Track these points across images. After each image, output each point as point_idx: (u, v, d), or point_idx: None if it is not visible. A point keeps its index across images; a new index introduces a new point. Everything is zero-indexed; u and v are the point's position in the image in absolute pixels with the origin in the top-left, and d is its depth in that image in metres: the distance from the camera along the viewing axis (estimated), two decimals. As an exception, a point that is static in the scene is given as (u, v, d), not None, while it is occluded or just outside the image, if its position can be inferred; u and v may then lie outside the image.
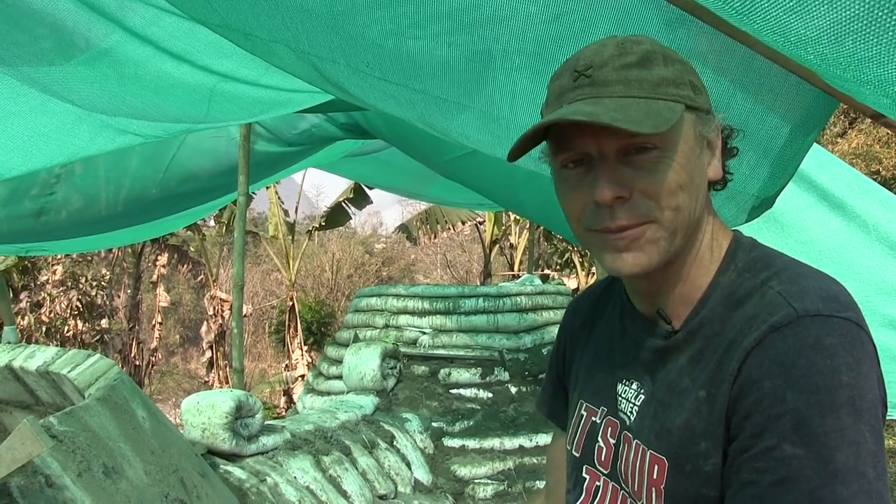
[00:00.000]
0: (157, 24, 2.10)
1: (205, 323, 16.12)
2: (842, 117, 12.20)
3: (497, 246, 16.61)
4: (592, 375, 1.18)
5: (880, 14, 1.02)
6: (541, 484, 4.55)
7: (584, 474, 1.13)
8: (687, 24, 1.57)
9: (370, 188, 12.61)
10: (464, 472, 4.58)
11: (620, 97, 0.91)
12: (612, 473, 1.07)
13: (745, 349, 0.88)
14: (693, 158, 0.95)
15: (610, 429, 1.09)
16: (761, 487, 0.82)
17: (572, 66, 0.96)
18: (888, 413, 2.93)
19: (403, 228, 16.22)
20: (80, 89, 2.29)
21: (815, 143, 2.99)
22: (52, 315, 14.78)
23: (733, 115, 1.69)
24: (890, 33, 1.04)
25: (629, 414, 1.05)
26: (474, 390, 5.27)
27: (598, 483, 1.10)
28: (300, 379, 14.15)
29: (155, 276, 16.34)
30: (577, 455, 1.15)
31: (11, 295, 13.59)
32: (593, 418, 1.13)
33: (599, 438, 1.10)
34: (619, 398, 1.08)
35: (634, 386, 1.05)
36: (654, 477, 0.96)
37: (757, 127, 1.71)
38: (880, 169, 11.31)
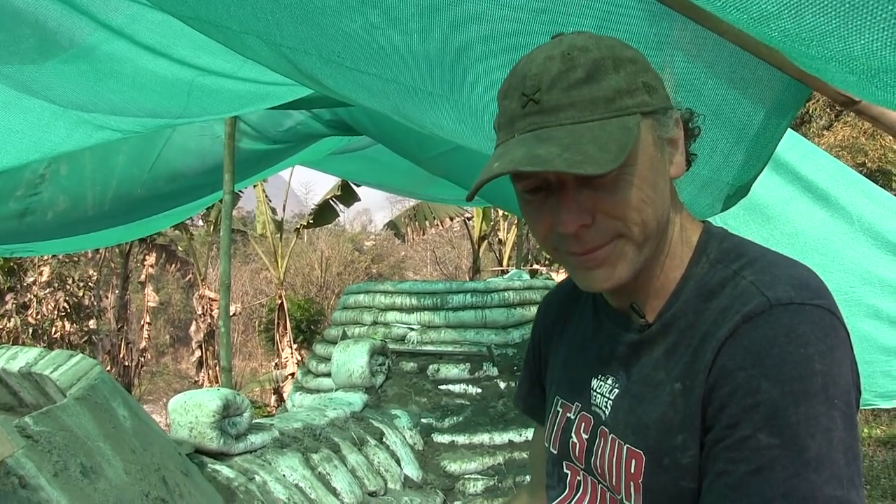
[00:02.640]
0: (137, 18, 2.08)
1: (194, 322, 16.06)
2: (828, 110, 12.27)
3: (486, 242, 16.61)
4: (567, 371, 1.18)
5: (835, -15, 1.02)
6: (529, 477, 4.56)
7: (565, 470, 1.13)
8: (670, 16, 1.57)
9: (358, 185, 12.59)
10: (454, 467, 4.58)
11: (572, 124, 0.88)
12: (587, 468, 1.07)
13: (719, 340, 0.88)
14: (654, 166, 0.94)
15: (584, 424, 1.09)
16: (736, 477, 0.82)
17: (520, 87, 0.92)
18: (874, 402, 2.93)
19: (392, 225, 16.21)
20: (55, 85, 2.27)
21: (799, 136, 3.01)
22: (39, 317, 14.67)
23: (706, 102, 1.69)
24: (847, 5, 1.02)
25: (603, 409, 1.04)
26: (463, 386, 5.27)
27: (578, 478, 1.10)
28: (290, 377, 14.13)
29: (143, 276, 16.26)
30: (555, 452, 1.15)
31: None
32: (568, 414, 1.13)
33: (573, 434, 1.10)
34: (594, 393, 1.07)
35: (609, 381, 1.05)
36: (632, 471, 0.96)
37: (730, 114, 1.71)
38: (866, 161, 11.37)
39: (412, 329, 5.75)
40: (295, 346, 15.51)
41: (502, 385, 5.29)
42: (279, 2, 1.60)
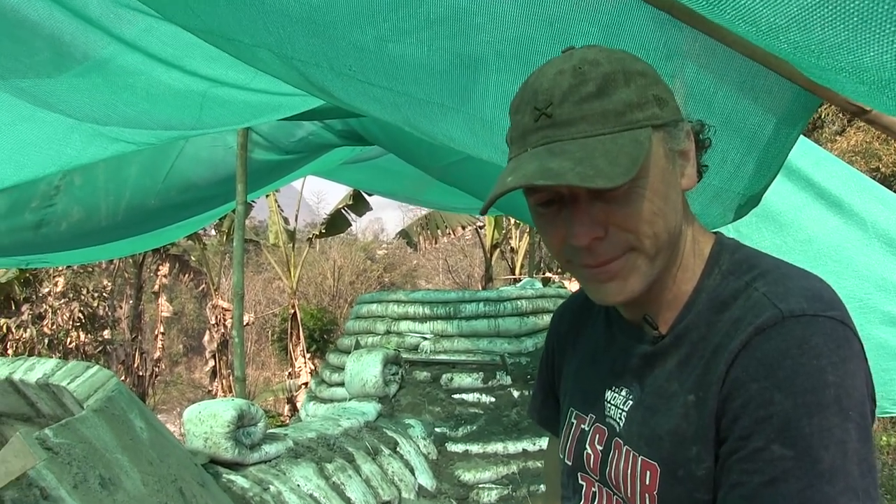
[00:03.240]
0: (150, 31, 2.10)
1: (207, 332, 16.12)
2: (840, 115, 12.20)
3: (498, 250, 16.60)
4: (580, 383, 1.18)
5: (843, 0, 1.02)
6: (545, 488, 4.55)
7: (580, 481, 1.12)
8: (679, 26, 1.57)
9: (370, 194, 12.63)
10: (468, 476, 4.58)
11: (584, 137, 0.89)
12: (601, 480, 1.07)
13: (731, 352, 0.88)
14: (666, 178, 0.94)
15: (598, 436, 1.08)
16: (750, 489, 0.83)
17: (532, 101, 0.93)
18: (892, 411, 2.90)
19: (404, 234, 16.23)
20: (70, 99, 2.29)
21: (812, 142, 3.00)
22: (54, 327, 14.76)
23: (716, 112, 1.68)
24: (855, 18, 1.03)
25: (618, 420, 1.04)
26: (476, 395, 5.27)
27: (594, 489, 1.09)
28: (303, 387, 14.15)
29: (157, 287, 16.36)
30: (570, 463, 1.15)
31: (13, 307, 13.62)
32: (582, 426, 1.13)
33: (588, 446, 1.10)
34: (608, 405, 1.07)
35: (623, 392, 1.05)
36: (647, 483, 0.95)
37: (740, 124, 1.70)
38: (880, 166, 11.30)
39: (425, 338, 5.75)
40: (308, 355, 15.54)
41: (516, 394, 5.28)
42: (290, 16, 1.61)
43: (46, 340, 14.46)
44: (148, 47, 2.19)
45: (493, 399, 5.24)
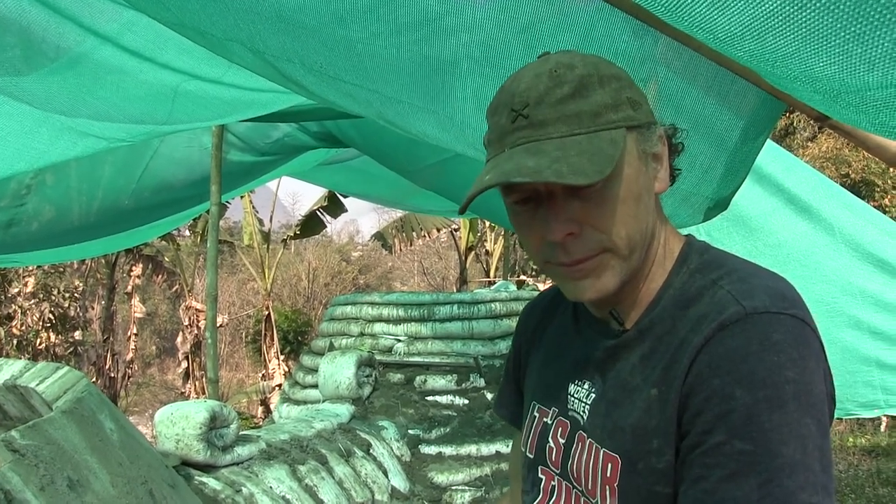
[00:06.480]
0: (125, 24, 2.08)
1: (180, 333, 15.98)
2: (811, 122, 12.34)
3: (473, 253, 16.60)
4: (544, 377, 1.20)
5: (791, 10, 1.04)
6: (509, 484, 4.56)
7: (539, 475, 1.14)
8: (652, 31, 1.59)
9: (345, 196, 12.58)
10: (441, 479, 4.58)
11: (561, 137, 0.91)
12: (562, 473, 1.08)
13: (695, 347, 0.90)
14: (640, 180, 0.96)
15: (560, 429, 1.10)
16: (712, 483, 0.84)
17: (509, 103, 0.95)
18: (857, 412, 2.94)
19: (379, 236, 16.20)
20: (36, 89, 2.26)
21: (782, 148, 3.05)
22: (23, 328, 14.54)
23: (686, 115, 1.71)
24: (804, 29, 1.05)
25: (581, 413, 1.06)
26: (450, 397, 5.27)
27: (553, 483, 1.11)
28: (277, 388, 14.07)
29: (129, 287, 16.17)
30: (531, 456, 1.16)
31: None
32: (545, 419, 1.15)
33: (550, 439, 1.12)
34: (571, 398, 1.09)
35: (586, 385, 1.07)
36: (608, 475, 0.97)
37: (708, 130, 1.73)
38: (850, 172, 11.48)
39: (399, 340, 5.75)
40: (282, 357, 15.45)
41: (489, 396, 5.29)
42: (259, 14, 1.61)
43: (15, 341, 14.25)
44: (120, 39, 2.17)
45: (466, 401, 5.25)
